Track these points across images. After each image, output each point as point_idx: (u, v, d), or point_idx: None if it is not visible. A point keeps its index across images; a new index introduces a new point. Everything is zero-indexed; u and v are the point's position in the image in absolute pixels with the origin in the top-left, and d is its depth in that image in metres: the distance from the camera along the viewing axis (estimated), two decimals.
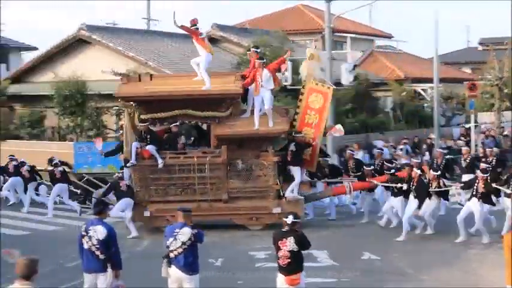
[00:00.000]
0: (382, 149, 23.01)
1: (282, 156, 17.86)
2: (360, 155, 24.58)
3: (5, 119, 29.90)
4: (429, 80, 34.06)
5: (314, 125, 18.00)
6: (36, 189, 22.62)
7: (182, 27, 17.94)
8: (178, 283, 10.18)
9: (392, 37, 48.81)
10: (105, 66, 18.72)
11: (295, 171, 17.73)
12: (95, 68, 18.95)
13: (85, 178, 22.18)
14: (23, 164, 22.48)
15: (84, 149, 26.26)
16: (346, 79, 25.81)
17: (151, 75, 19.19)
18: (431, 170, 17.19)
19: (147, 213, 18.02)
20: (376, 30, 48.85)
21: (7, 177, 22.69)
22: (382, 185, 18.29)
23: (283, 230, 10.08)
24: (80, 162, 25.85)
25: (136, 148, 17.85)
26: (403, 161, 22.42)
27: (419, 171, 16.94)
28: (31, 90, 30.20)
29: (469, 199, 16.60)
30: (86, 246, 10.21)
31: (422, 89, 37.95)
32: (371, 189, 19.09)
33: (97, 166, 25.55)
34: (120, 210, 17.67)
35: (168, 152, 18.12)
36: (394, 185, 17.31)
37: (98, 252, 10.11)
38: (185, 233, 10.09)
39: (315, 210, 19.88)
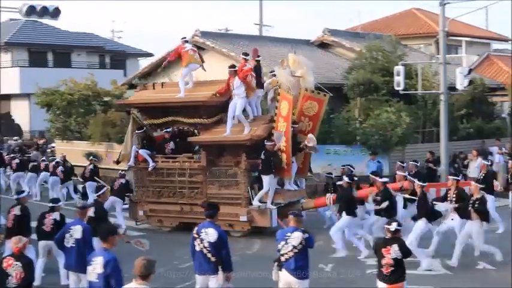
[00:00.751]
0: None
1: (256, 164, 17.67)
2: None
3: (123, 123, 30.88)
4: None
5: (283, 133, 17.37)
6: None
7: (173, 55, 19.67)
8: (288, 287, 10.25)
9: (510, 40, 47.22)
10: (218, 71, 19.28)
11: (265, 179, 17.36)
12: (208, 73, 19.48)
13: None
14: (58, 164, 24.27)
15: None
16: (461, 84, 25.21)
17: (162, 83, 20.41)
18: None
19: (141, 212, 19.25)
20: (493, 33, 47.42)
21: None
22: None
23: (386, 237, 9.98)
24: None
25: (136, 151, 19.27)
26: None
27: (347, 179, 15.92)
28: None
29: None
30: (197, 248, 10.45)
31: None
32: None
33: None
34: (114, 208, 18.95)
35: (160, 156, 19.15)
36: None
37: (209, 255, 10.33)
38: (296, 237, 10.16)
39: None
